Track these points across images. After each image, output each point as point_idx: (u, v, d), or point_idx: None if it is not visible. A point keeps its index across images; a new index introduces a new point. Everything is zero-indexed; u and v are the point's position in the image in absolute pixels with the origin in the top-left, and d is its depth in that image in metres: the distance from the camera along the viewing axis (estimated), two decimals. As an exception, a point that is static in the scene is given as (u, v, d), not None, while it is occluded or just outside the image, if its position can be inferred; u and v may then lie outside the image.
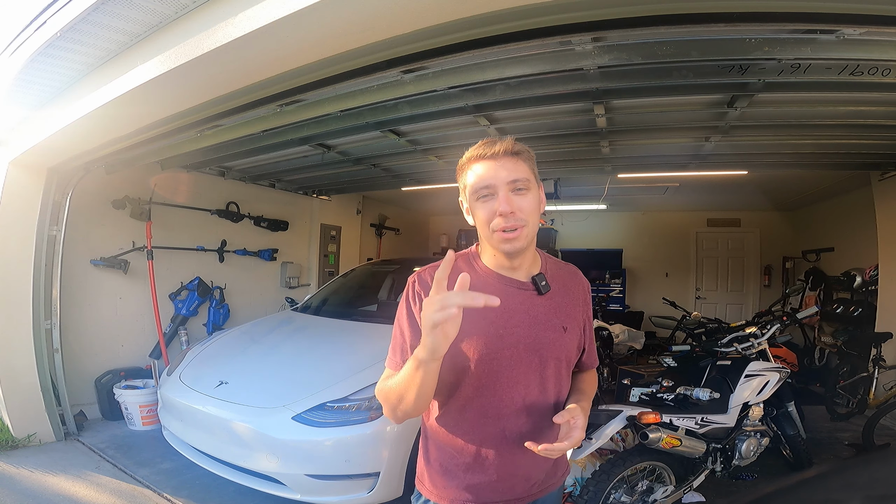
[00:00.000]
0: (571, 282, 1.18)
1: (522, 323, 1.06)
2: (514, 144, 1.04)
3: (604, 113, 2.93)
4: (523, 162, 1.04)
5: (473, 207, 1.06)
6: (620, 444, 2.87)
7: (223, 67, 1.97)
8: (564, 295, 1.14)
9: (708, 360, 3.11)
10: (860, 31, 1.67)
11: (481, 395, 1.05)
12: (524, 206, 1.02)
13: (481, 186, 1.02)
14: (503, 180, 1.01)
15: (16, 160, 3.23)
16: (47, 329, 3.51)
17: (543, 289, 1.10)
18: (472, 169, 1.05)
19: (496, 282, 1.08)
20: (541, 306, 1.09)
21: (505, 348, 1.04)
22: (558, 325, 1.10)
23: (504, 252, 1.04)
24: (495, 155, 1.02)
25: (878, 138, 3.28)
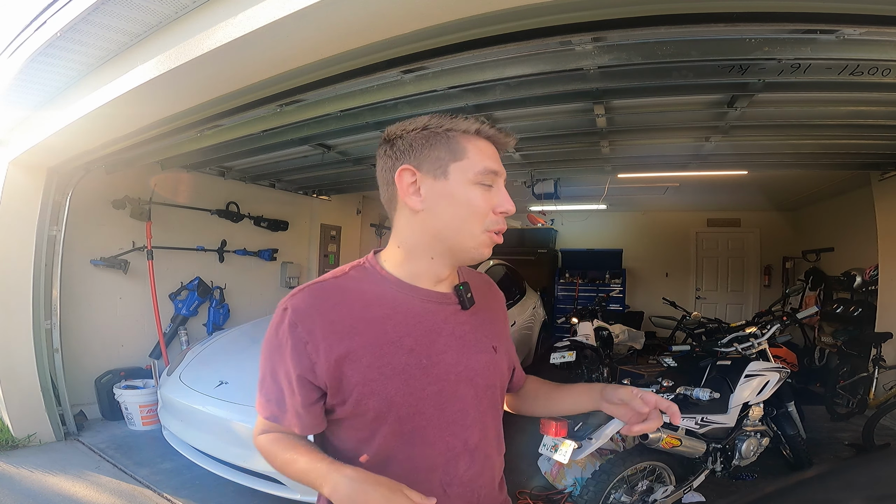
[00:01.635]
0: (489, 292, 0.99)
1: (449, 347, 0.83)
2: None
3: (604, 113, 2.93)
4: None
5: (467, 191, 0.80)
6: (620, 444, 2.87)
7: (223, 67, 1.97)
8: (487, 308, 0.94)
9: (708, 360, 3.11)
10: (860, 31, 1.67)
11: (408, 446, 0.81)
12: None
13: (491, 170, 0.81)
14: (503, 172, 0.84)
15: (16, 160, 3.23)
16: (47, 329, 3.51)
17: (469, 302, 0.88)
18: (479, 145, 0.82)
19: (413, 297, 0.84)
20: (467, 324, 0.88)
21: (431, 383, 0.81)
22: (488, 344, 0.90)
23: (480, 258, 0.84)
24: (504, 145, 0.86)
25: (878, 138, 3.28)
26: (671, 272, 8.32)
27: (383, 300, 0.82)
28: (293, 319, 0.78)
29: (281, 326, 0.79)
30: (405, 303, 0.83)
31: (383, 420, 0.79)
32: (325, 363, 0.77)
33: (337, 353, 0.77)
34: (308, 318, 0.78)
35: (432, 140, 0.81)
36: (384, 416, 0.79)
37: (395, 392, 0.78)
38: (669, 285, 8.05)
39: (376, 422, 0.79)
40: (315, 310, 0.79)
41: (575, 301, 7.70)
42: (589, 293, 7.70)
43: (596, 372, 4.41)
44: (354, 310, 0.80)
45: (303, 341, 0.77)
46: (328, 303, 0.80)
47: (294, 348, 0.78)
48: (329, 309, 0.79)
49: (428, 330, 0.83)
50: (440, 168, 0.80)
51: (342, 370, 0.77)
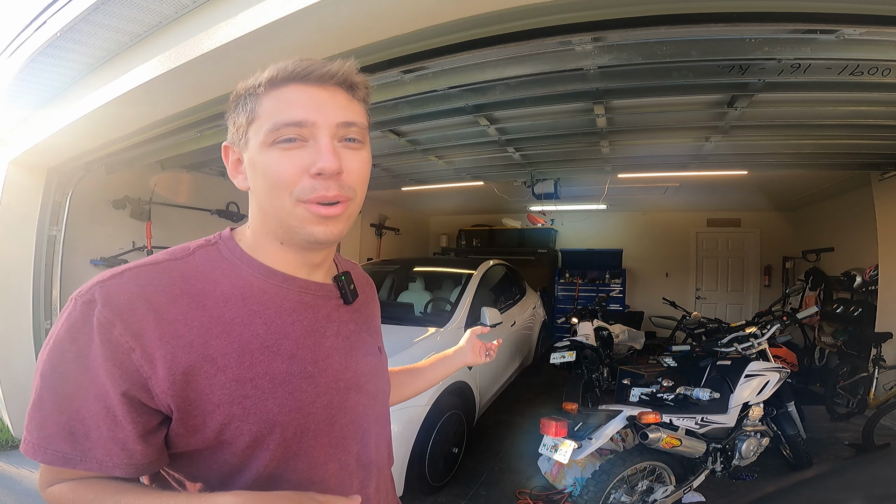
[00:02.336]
0: (366, 284, 0.86)
1: (336, 349, 0.70)
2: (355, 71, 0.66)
3: (604, 113, 2.93)
4: (359, 102, 0.68)
5: (263, 157, 0.62)
6: (620, 444, 2.87)
7: (223, 67, 1.97)
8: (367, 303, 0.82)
9: (708, 360, 3.11)
10: (860, 31, 1.67)
11: (293, 472, 0.65)
12: (355, 167, 0.64)
13: (290, 121, 0.60)
14: (330, 120, 0.62)
15: (16, 160, 3.23)
16: (47, 329, 3.51)
17: (352, 294, 0.75)
18: (278, 93, 0.62)
19: (285, 289, 0.67)
20: (351, 322, 0.75)
21: (320, 394, 0.67)
22: (374, 345, 0.80)
23: (313, 239, 0.64)
24: (324, 78, 0.63)
25: (878, 138, 3.28)
26: (671, 272, 8.32)
27: (247, 292, 0.64)
28: (106, 317, 0.55)
29: (83, 328, 0.56)
30: (276, 296, 0.66)
31: (261, 446, 0.62)
32: (167, 378, 0.56)
33: (184, 363, 0.57)
34: (131, 313, 0.56)
35: (237, 105, 0.65)
36: (262, 441, 0.62)
37: (277, 409, 0.62)
38: (669, 285, 8.05)
39: (251, 449, 0.61)
40: (144, 303, 0.57)
41: (575, 301, 7.69)
42: (589, 293, 7.69)
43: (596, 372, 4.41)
44: (206, 304, 0.61)
45: (125, 348, 0.55)
46: (165, 294, 0.59)
47: (110, 358, 0.55)
48: (167, 303, 0.58)
49: (309, 330, 0.67)
50: (242, 137, 0.65)
51: (195, 387, 0.58)
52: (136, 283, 0.59)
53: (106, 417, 0.56)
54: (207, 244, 0.68)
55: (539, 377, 5.35)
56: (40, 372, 0.57)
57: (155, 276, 0.60)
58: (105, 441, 0.56)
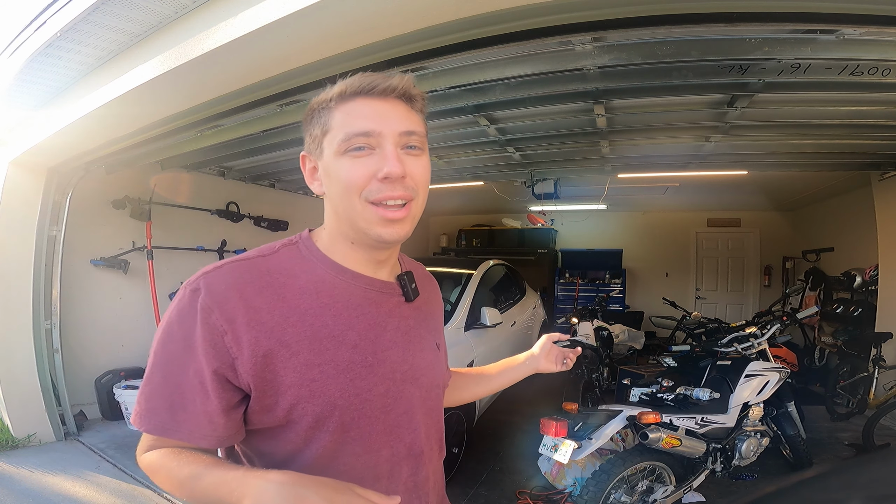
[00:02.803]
0: (429, 284, 0.91)
1: (395, 344, 0.76)
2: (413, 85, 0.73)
3: (604, 113, 2.93)
4: (417, 112, 0.74)
5: (337, 164, 0.70)
6: (620, 444, 2.87)
7: (223, 67, 1.97)
8: (428, 301, 0.87)
9: (708, 360, 3.11)
10: (860, 31, 1.67)
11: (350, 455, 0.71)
12: (417, 172, 0.71)
13: (359, 132, 0.68)
14: (393, 129, 0.69)
15: (16, 160, 3.23)
16: (47, 329, 3.51)
17: (413, 293, 0.80)
18: (347, 108, 0.70)
19: (353, 286, 0.74)
20: (411, 318, 0.80)
21: (378, 383, 0.72)
22: (432, 341, 0.84)
23: (380, 239, 0.71)
24: (387, 91, 0.70)
25: (878, 138, 3.28)
26: (671, 272, 8.32)
27: (320, 287, 0.72)
28: (207, 303, 0.64)
29: (190, 312, 0.65)
30: (346, 291, 0.73)
31: (322, 426, 0.68)
32: (250, 360, 0.64)
33: (265, 347, 0.65)
34: (227, 302, 0.65)
35: (312, 118, 0.73)
36: (324, 422, 0.68)
37: (338, 394, 0.68)
38: (669, 285, 8.05)
39: (313, 429, 0.68)
40: (236, 293, 0.66)
41: (575, 301, 7.70)
42: (589, 293, 7.70)
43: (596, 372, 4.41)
44: (286, 296, 0.69)
45: (220, 331, 0.64)
46: (253, 286, 0.67)
47: (207, 339, 0.63)
48: (254, 293, 0.67)
49: (372, 324, 0.74)
50: (317, 147, 0.73)
51: (271, 368, 0.65)
52: (231, 276, 0.68)
53: (200, 392, 0.65)
54: (290, 244, 0.76)
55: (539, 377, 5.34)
56: (153, 350, 0.67)
57: (246, 270, 0.70)
58: (197, 414, 0.65)
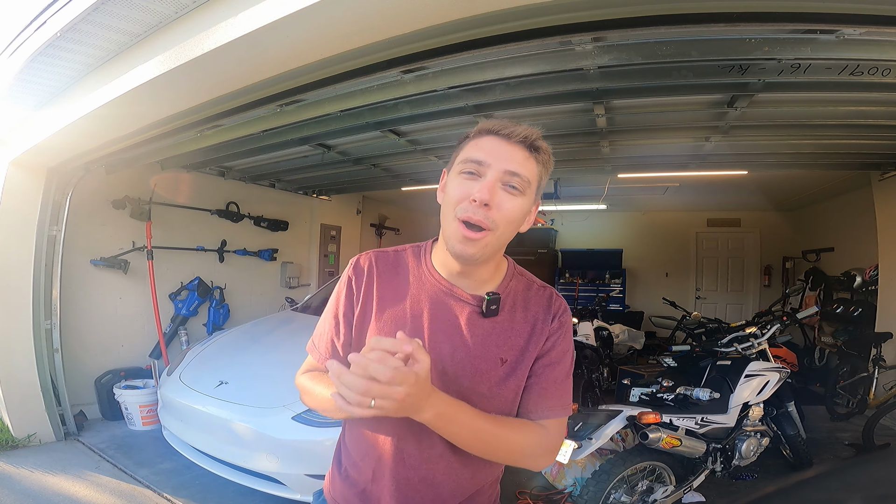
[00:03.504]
0: (536, 304, 0.94)
1: (451, 342, 0.88)
2: (539, 137, 0.85)
3: (604, 113, 2.93)
4: (536, 162, 0.85)
5: (451, 180, 0.87)
6: (620, 444, 2.87)
7: (223, 67, 1.97)
8: (520, 320, 0.92)
9: (708, 360, 3.12)
10: (860, 31, 1.67)
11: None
12: (506, 207, 0.82)
13: (473, 159, 0.83)
14: (501, 165, 0.82)
15: (16, 160, 3.23)
16: (47, 329, 3.51)
17: (490, 312, 0.89)
18: (478, 141, 0.86)
19: (434, 284, 0.92)
20: (479, 328, 0.89)
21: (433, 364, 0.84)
22: (496, 354, 0.89)
23: (454, 253, 0.85)
24: (511, 135, 0.83)
25: (878, 138, 3.28)
26: (671, 272, 8.32)
27: (418, 281, 0.94)
28: (355, 271, 0.96)
29: (346, 274, 0.97)
30: (429, 289, 0.92)
31: None
32: (361, 311, 0.93)
33: (373, 309, 0.92)
34: (364, 271, 0.95)
35: (457, 145, 0.91)
36: None
37: None
38: (669, 285, 8.05)
39: None
40: (371, 267, 0.95)
41: (575, 301, 7.70)
42: (589, 293, 7.70)
43: (596, 372, 4.41)
44: (396, 282, 0.94)
45: (353, 289, 0.94)
46: (382, 268, 0.95)
47: (345, 293, 0.95)
48: (382, 271, 0.95)
49: (440, 319, 0.90)
50: (450, 165, 0.90)
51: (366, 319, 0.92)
52: (374, 256, 0.97)
53: (333, 326, 0.96)
54: (416, 246, 1.00)
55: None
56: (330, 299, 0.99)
57: (384, 255, 0.98)
58: (327, 341, 0.96)
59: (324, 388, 0.89)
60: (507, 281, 0.95)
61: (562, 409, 0.92)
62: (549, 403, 0.91)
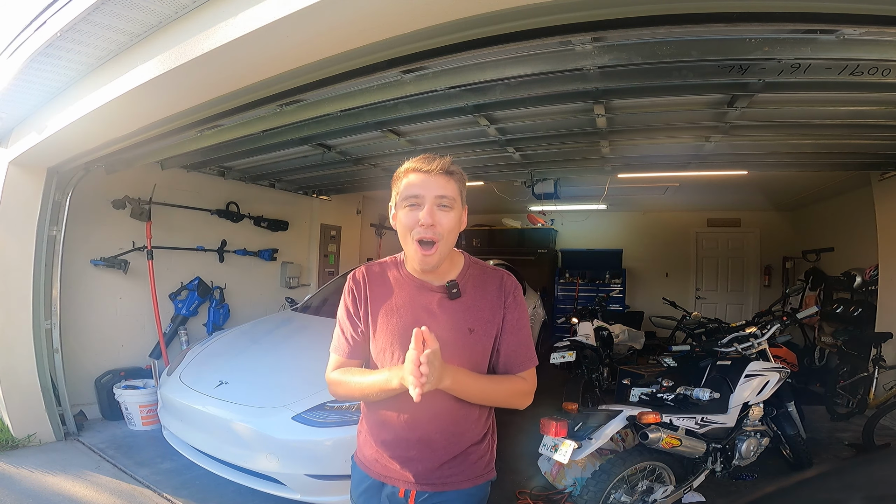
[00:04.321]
0: (492, 284, 1.22)
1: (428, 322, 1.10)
2: (450, 165, 1.14)
3: (604, 113, 2.93)
4: (454, 182, 1.14)
5: (399, 212, 1.15)
6: (620, 444, 2.87)
7: (223, 67, 1.97)
8: (479, 297, 1.20)
9: (708, 360, 3.11)
10: (860, 31, 1.67)
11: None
12: (444, 222, 1.12)
13: (411, 195, 1.12)
14: (432, 193, 1.11)
15: (16, 160, 3.23)
16: (47, 329, 3.51)
17: (453, 295, 1.18)
18: (408, 178, 1.14)
19: (410, 283, 1.22)
20: (449, 308, 1.18)
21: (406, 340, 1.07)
22: (464, 326, 1.17)
23: (419, 265, 1.16)
24: (430, 170, 1.12)
25: (878, 138, 3.28)
26: (671, 272, 8.32)
27: (398, 283, 1.23)
28: (354, 280, 1.26)
29: (347, 284, 1.27)
30: (407, 286, 1.22)
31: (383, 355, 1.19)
32: (364, 311, 1.23)
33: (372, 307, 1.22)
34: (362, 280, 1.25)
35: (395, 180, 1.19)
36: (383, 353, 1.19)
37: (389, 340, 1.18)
38: (669, 285, 8.05)
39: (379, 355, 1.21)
40: (365, 277, 1.25)
41: (575, 301, 7.69)
42: (589, 293, 7.69)
43: (596, 372, 4.40)
44: (384, 287, 1.23)
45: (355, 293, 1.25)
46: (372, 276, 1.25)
47: (352, 299, 1.25)
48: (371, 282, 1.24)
49: (417, 306, 1.19)
50: (394, 199, 1.19)
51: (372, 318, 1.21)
52: (365, 269, 1.27)
53: (348, 325, 1.25)
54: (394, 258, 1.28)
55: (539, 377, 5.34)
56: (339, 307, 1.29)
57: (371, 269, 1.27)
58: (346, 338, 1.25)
59: (358, 377, 1.18)
60: (465, 270, 1.24)
61: (530, 362, 1.24)
62: (521, 360, 1.22)
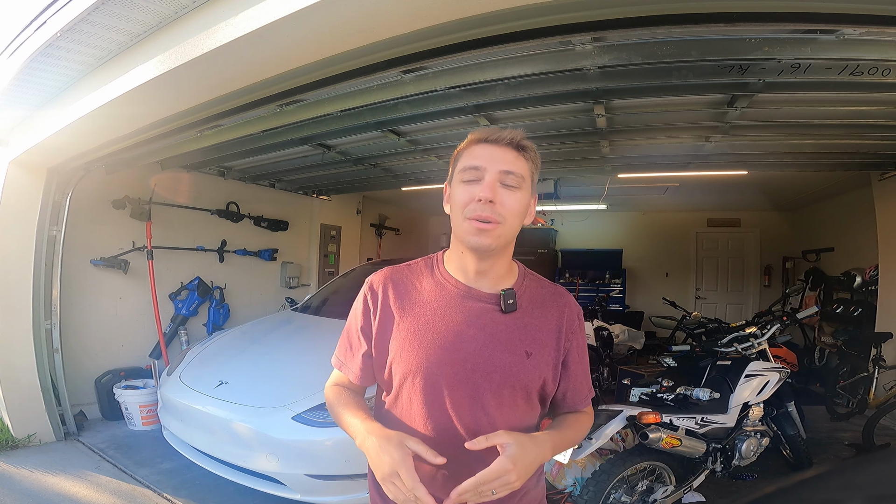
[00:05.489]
0: (551, 303, 1.01)
1: (477, 339, 0.94)
2: (523, 138, 0.94)
3: (604, 113, 2.93)
4: (525, 160, 0.94)
5: (454, 189, 0.96)
6: (620, 444, 2.87)
7: (223, 67, 1.97)
8: (538, 316, 0.99)
9: (708, 360, 3.11)
10: (860, 31, 1.67)
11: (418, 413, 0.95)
12: (508, 202, 0.91)
13: (470, 166, 0.93)
14: (496, 167, 0.91)
15: (16, 160, 3.23)
16: (47, 329, 3.51)
17: (508, 307, 0.96)
18: (470, 150, 0.95)
19: (451, 289, 0.98)
20: (501, 324, 0.96)
21: (450, 363, 0.93)
22: (521, 348, 0.95)
23: (471, 246, 0.93)
24: (499, 140, 0.93)
25: (878, 138, 3.28)
26: (671, 272, 8.32)
27: (435, 289, 1.00)
28: (370, 288, 1.03)
29: (361, 292, 1.05)
30: (446, 294, 0.98)
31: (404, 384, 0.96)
32: (379, 327, 0.99)
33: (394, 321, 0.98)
34: (379, 288, 1.01)
35: (453, 158, 1.01)
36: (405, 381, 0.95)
37: (416, 363, 0.94)
38: (669, 285, 8.05)
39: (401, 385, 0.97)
40: (386, 283, 1.02)
41: (575, 301, 7.68)
42: (589, 293, 7.69)
43: (596, 372, 4.41)
44: (414, 293, 1.00)
45: (369, 304, 1.01)
46: (398, 283, 1.02)
47: (363, 309, 1.02)
48: (396, 287, 1.01)
49: (459, 319, 0.95)
50: (450, 178, 1.00)
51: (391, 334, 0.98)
52: (388, 273, 1.04)
53: (357, 340, 1.03)
54: (428, 259, 1.07)
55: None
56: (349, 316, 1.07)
57: (398, 270, 1.04)
58: (353, 355, 1.04)
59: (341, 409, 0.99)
60: (520, 280, 1.03)
61: (591, 394, 1.08)
62: (585, 394, 1.06)
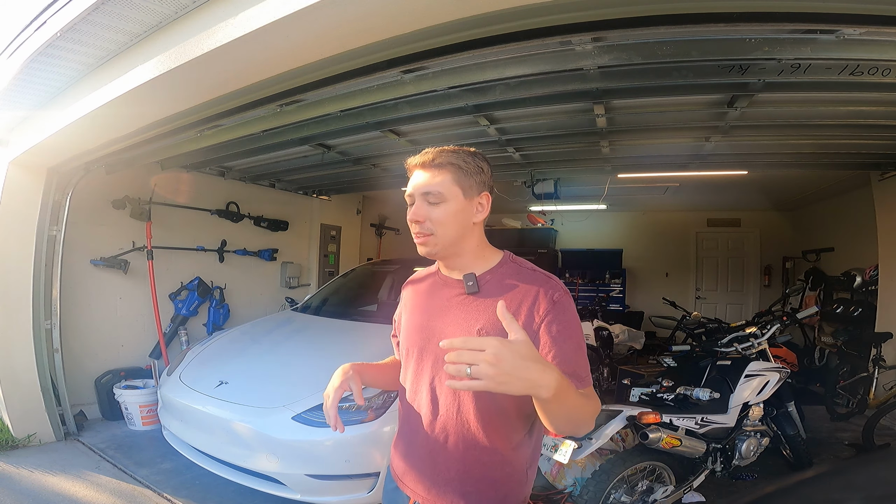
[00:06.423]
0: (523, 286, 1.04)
1: (443, 318, 1.09)
2: (437, 157, 1.07)
3: (604, 113, 2.93)
4: (444, 173, 1.06)
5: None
6: (620, 444, 2.87)
7: (223, 68, 1.97)
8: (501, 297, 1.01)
9: (708, 360, 3.11)
10: (860, 31, 1.67)
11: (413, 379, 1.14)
12: (434, 215, 1.06)
13: (407, 194, 1.12)
14: (419, 191, 1.08)
15: (16, 160, 3.23)
16: (47, 329, 3.51)
17: (469, 289, 1.07)
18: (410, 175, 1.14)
19: (437, 280, 1.18)
20: (461, 305, 1.07)
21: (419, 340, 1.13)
22: (473, 326, 1.03)
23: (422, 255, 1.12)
24: (418, 165, 1.10)
25: (878, 138, 3.28)
26: (671, 272, 8.32)
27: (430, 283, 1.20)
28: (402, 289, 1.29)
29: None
30: (435, 284, 1.18)
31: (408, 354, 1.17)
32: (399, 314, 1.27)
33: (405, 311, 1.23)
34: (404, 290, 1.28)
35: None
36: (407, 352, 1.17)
37: (412, 339, 1.15)
38: (669, 285, 8.05)
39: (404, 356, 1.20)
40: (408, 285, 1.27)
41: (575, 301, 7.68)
42: (589, 293, 7.70)
43: (596, 372, 4.41)
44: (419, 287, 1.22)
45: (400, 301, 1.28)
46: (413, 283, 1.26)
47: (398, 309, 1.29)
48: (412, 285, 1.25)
49: (436, 304, 1.13)
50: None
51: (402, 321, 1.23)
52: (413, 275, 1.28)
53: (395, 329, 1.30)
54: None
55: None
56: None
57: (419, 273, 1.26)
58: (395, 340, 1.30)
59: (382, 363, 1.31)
60: (498, 267, 1.12)
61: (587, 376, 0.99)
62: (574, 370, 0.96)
